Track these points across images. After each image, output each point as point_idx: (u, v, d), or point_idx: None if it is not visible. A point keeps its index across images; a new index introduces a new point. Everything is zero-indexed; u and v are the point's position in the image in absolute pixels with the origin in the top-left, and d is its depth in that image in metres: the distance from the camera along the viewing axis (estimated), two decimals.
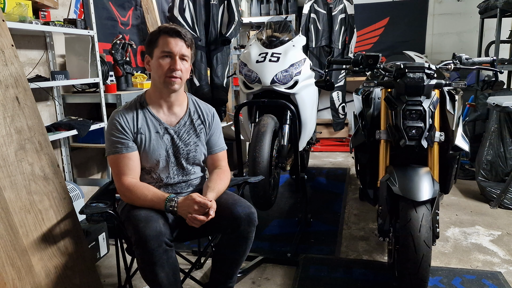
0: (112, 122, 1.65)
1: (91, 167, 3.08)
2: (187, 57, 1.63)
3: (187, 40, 1.61)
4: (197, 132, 1.75)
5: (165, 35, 1.60)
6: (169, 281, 1.53)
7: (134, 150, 1.64)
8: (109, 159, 1.66)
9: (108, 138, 1.65)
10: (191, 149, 1.73)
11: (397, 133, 1.87)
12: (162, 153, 1.68)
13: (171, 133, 1.70)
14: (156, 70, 1.62)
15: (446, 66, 2.03)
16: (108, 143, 1.65)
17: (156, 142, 1.67)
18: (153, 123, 1.67)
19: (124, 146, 1.62)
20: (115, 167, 1.64)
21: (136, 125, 1.65)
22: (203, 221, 1.51)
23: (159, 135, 1.68)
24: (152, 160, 1.67)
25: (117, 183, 1.64)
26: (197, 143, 1.75)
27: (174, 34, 1.59)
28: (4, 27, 1.79)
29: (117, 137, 1.62)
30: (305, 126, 2.81)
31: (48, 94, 2.60)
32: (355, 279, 2.13)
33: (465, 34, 5.04)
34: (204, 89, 3.72)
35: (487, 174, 3.20)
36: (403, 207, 1.73)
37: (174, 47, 1.59)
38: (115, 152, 1.62)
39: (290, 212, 3.09)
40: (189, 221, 1.53)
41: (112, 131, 1.64)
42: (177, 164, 1.72)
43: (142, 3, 3.55)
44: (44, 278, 1.74)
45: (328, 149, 5.04)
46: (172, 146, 1.70)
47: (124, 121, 1.63)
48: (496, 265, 2.24)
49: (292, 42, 2.76)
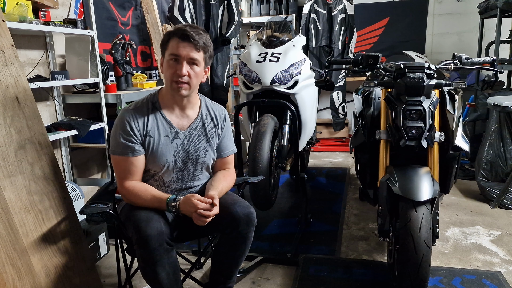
0: (121, 121, 1.60)
1: (91, 167, 3.08)
2: (198, 61, 1.56)
3: (198, 44, 1.54)
4: (208, 137, 1.71)
5: (174, 37, 1.54)
6: (170, 280, 1.53)
7: (141, 154, 1.61)
8: (113, 158, 1.63)
9: (115, 137, 1.60)
10: (200, 155, 1.70)
11: (397, 133, 1.87)
12: (169, 158, 1.64)
13: (181, 138, 1.66)
14: (165, 72, 1.59)
15: (446, 66, 2.04)
16: (114, 142, 1.61)
17: (165, 147, 1.63)
18: (164, 126, 1.63)
19: (131, 150, 1.59)
20: (118, 168, 1.62)
21: (146, 127, 1.60)
22: (209, 216, 1.50)
23: (169, 139, 1.64)
24: (159, 164, 1.64)
25: (118, 185, 1.64)
26: (206, 148, 1.71)
27: (183, 37, 1.53)
28: (4, 27, 1.79)
29: (125, 138, 1.58)
30: (305, 126, 2.81)
31: (48, 94, 2.60)
32: (355, 279, 2.13)
33: (465, 34, 5.04)
34: (204, 89, 3.73)
35: (487, 174, 3.20)
36: (403, 207, 1.73)
37: (182, 51, 1.53)
38: (121, 153, 1.59)
39: (290, 212, 3.09)
40: (195, 220, 1.52)
41: (120, 130, 1.59)
42: (184, 169, 1.69)
43: (142, 3, 3.55)
44: (44, 278, 1.74)
45: (328, 149, 5.04)
46: (181, 151, 1.67)
47: (134, 123, 1.59)
48: (496, 265, 2.24)
49: (292, 42, 2.77)
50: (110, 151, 1.64)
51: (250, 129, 2.65)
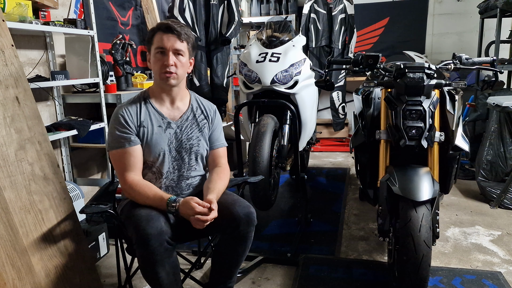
0: (115, 117, 1.67)
1: (91, 167, 3.08)
2: (182, 51, 1.64)
3: (181, 35, 1.62)
4: (200, 127, 1.77)
5: (158, 31, 1.63)
6: (170, 280, 1.53)
7: (137, 144, 1.65)
8: (111, 154, 1.66)
9: (111, 132, 1.66)
10: (193, 143, 1.75)
11: (397, 133, 1.87)
12: (164, 146, 1.69)
13: (173, 127, 1.71)
14: (153, 66, 1.67)
15: (446, 66, 2.04)
16: (111, 138, 1.66)
17: (158, 136, 1.68)
18: (156, 117, 1.69)
19: (127, 141, 1.63)
20: (117, 162, 1.65)
21: (139, 118, 1.66)
22: (206, 221, 1.51)
23: (162, 129, 1.69)
24: (154, 153, 1.68)
25: (120, 180, 1.66)
26: (199, 138, 1.76)
27: (166, 30, 1.62)
28: (4, 27, 1.79)
29: (120, 131, 1.64)
30: (305, 126, 2.81)
31: (48, 94, 2.60)
32: (355, 279, 2.13)
33: (465, 34, 5.04)
34: (204, 89, 3.73)
35: (487, 174, 3.20)
36: (403, 207, 1.73)
37: (166, 43, 1.61)
38: (118, 147, 1.63)
39: (290, 212, 3.09)
40: (193, 224, 1.53)
41: (115, 125, 1.65)
42: (179, 158, 1.73)
43: (142, 3, 3.55)
44: (44, 278, 1.74)
45: (328, 149, 5.04)
46: (175, 140, 1.71)
47: (128, 115, 1.65)
48: (496, 265, 2.24)
49: (292, 42, 2.77)
50: (108, 148, 1.68)
51: (250, 129, 2.65)
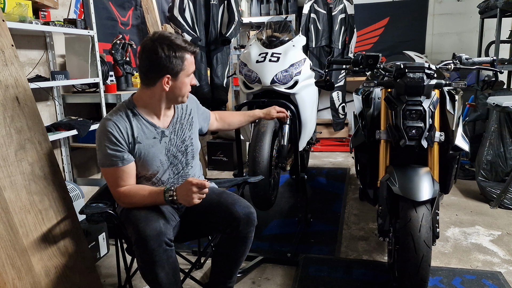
0: (104, 133, 1.56)
1: (91, 167, 3.08)
2: None
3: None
4: (190, 125, 1.78)
5: (186, 54, 1.57)
6: (169, 280, 1.53)
7: (130, 162, 1.60)
8: (103, 170, 1.61)
9: (101, 149, 1.57)
10: (188, 144, 1.75)
11: (397, 133, 1.87)
12: (162, 157, 1.67)
13: (167, 135, 1.68)
14: (179, 91, 1.62)
15: (446, 66, 2.04)
16: (101, 155, 1.58)
17: (155, 149, 1.65)
18: (149, 129, 1.63)
19: (119, 159, 1.56)
20: (110, 178, 1.60)
21: (131, 135, 1.59)
22: (204, 186, 1.49)
23: (157, 140, 1.65)
24: (153, 167, 1.65)
25: (113, 192, 1.62)
26: (191, 136, 1.78)
27: (193, 53, 1.61)
28: (4, 27, 1.79)
29: (112, 149, 1.55)
30: (305, 126, 2.81)
31: (48, 94, 2.60)
32: (355, 279, 2.13)
33: (465, 34, 5.04)
34: (204, 89, 3.73)
35: (487, 174, 3.20)
36: (403, 207, 1.73)
37: (194, 65, 1.65)
38: (111, 165, 1.57)
39: (290, 212, 3.09)
40: (189, 197, 1.50)
41: (105, 142, 1.56)
42: (177, 162, 1.72)
43: (142, 3, 3.55)
44: (44, 278, 1.74)
45: (328, 149, 5.04)
46: (171, 146, 1.70)
47: (118, 133, 1.56)
48: (496, 265, 2.24)
49: (292, 42, 2.76)
50: (99, 163, 1.61)
51: (250, 129, 2.65)
